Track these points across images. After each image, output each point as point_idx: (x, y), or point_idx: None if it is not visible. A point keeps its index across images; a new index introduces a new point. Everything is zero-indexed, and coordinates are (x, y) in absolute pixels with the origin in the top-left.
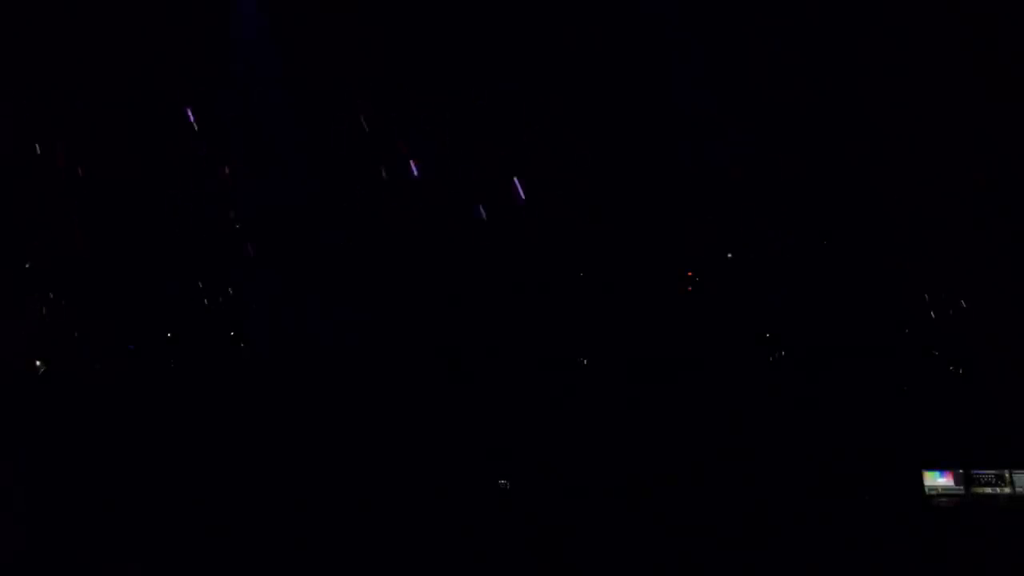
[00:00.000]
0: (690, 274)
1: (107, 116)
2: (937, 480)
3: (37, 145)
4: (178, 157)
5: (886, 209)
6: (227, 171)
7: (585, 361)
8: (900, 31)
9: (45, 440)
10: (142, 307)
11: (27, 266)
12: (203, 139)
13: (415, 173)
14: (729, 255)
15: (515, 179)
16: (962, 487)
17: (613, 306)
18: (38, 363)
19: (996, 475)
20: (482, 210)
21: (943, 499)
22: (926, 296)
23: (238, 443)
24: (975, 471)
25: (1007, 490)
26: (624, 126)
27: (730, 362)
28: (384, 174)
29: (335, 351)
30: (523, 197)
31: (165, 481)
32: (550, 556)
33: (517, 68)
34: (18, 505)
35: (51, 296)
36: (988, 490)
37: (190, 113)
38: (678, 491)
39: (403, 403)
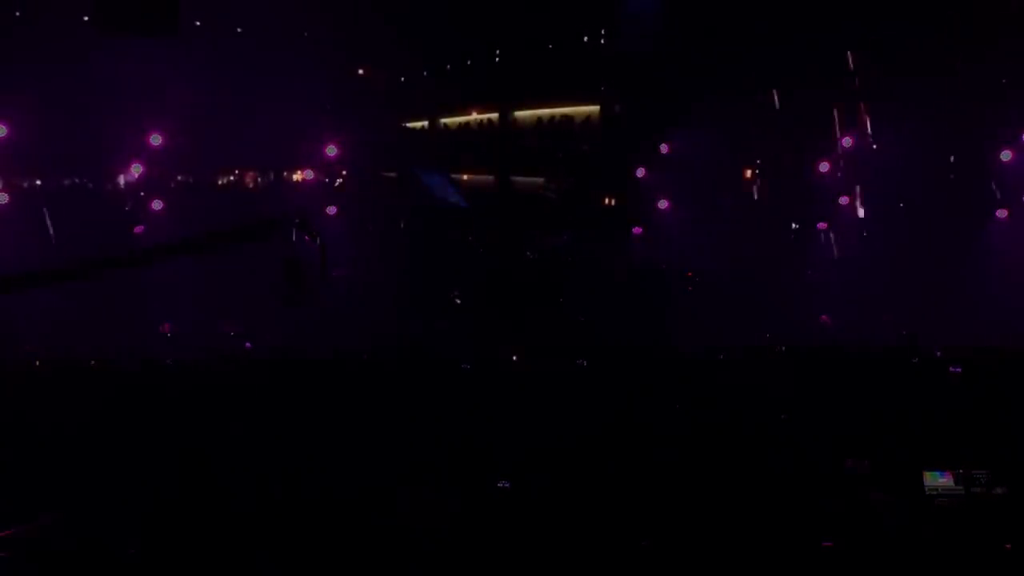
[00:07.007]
0: (690, 274)
1: None
2: (937, 480)
3: None
4: None
5: (884, 208)
6: None
7: (585, 363)
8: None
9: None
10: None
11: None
12: None
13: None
14: (729, 255)
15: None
16: (962, 487)
17: (613, 306)
18: (38, 363)
19: (996, 475)
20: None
21: (943, 499)
22: (924, 296)
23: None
24: (975, 471)
25: (1007, 490)
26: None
27: (730, 362)
28: None
29: (338, 353)
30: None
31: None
32: (551, 557)
33: None
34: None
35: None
36: (988, 490)
37: None
38: (677, 491)
39: (403, 404)
